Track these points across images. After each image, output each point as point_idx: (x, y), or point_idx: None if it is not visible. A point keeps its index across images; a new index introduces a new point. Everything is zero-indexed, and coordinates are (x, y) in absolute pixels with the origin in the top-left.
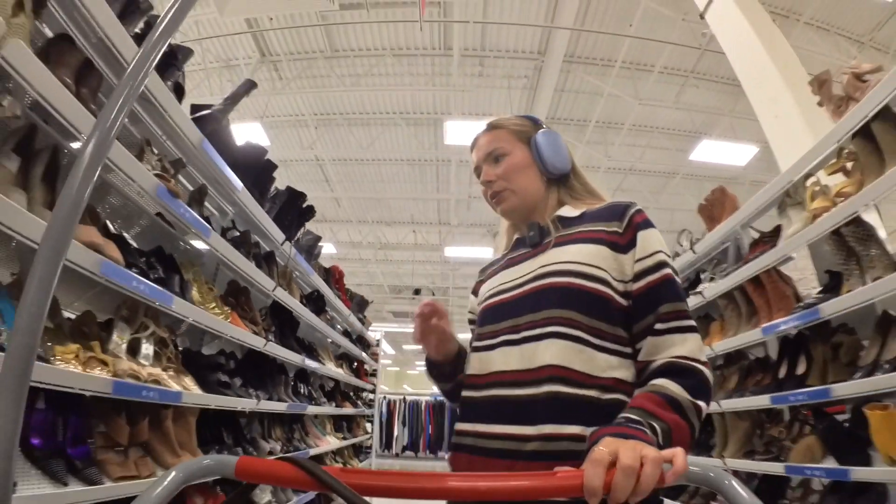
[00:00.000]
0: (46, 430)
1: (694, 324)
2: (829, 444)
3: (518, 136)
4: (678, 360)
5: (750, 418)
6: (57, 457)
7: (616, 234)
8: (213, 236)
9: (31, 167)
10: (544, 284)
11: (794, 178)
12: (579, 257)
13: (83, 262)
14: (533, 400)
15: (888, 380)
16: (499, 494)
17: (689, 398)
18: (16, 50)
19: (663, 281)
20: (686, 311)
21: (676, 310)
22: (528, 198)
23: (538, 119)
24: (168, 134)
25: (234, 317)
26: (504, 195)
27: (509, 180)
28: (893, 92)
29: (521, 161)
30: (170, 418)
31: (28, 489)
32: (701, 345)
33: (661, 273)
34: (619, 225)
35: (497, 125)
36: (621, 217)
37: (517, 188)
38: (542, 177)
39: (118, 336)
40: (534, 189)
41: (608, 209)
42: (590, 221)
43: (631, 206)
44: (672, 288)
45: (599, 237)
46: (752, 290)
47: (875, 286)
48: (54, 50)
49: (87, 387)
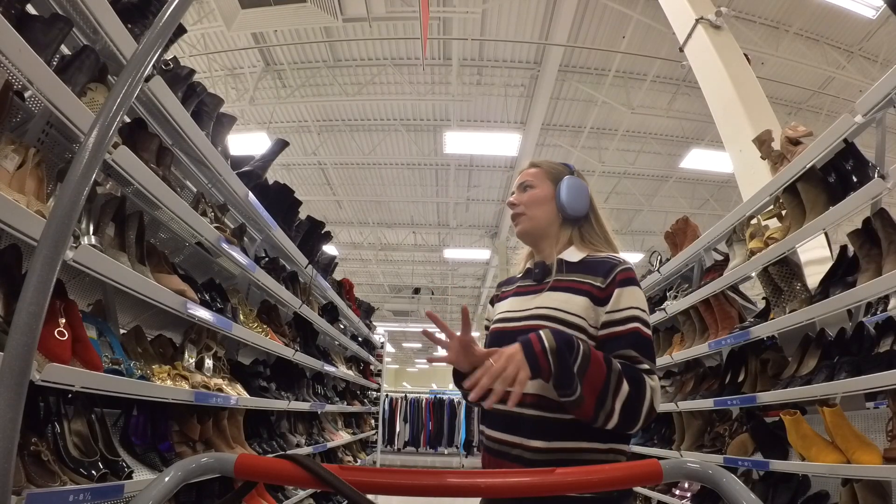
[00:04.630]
0: (140, 431)
1: (649, 368)
2: (758, 440)
3: (549, 176)
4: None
5: (703, 417)
6: (151, 451)
7: (599, 289)
8: (257, 271)
9: (126, 231)
10: (533, 325)
11: (740, 218)
12: (565, 306)
13: (173, 304)
14: (521, 417)
15: (799, 392)
16: (498, 491)
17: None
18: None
19: (628, 332)
20: (640, 359)
21: (633, 356)
22: (539, 227)
23: (574, 168)
24: (215, 185)
25: (271, 333)
26: (521, 219)
27: (528, 208)
28: (814, 159)
29: (543, 195)
30: (226, 418)
31: (139, 476)
32: (655, 386)
33: (627, 326)
34: (603, 281)
35: (537, 164)
36: (607, 275)
37: (532, 216)
38: (558, 213)
39: (189, 355)
40: (546, 222)
41: (601, 264)
42: (584, 272)
43: (618, 266)
44: (633, 338)
45: (586, 289)
46: (703, 309)
47: (789, 317)
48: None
49: (178, 397)
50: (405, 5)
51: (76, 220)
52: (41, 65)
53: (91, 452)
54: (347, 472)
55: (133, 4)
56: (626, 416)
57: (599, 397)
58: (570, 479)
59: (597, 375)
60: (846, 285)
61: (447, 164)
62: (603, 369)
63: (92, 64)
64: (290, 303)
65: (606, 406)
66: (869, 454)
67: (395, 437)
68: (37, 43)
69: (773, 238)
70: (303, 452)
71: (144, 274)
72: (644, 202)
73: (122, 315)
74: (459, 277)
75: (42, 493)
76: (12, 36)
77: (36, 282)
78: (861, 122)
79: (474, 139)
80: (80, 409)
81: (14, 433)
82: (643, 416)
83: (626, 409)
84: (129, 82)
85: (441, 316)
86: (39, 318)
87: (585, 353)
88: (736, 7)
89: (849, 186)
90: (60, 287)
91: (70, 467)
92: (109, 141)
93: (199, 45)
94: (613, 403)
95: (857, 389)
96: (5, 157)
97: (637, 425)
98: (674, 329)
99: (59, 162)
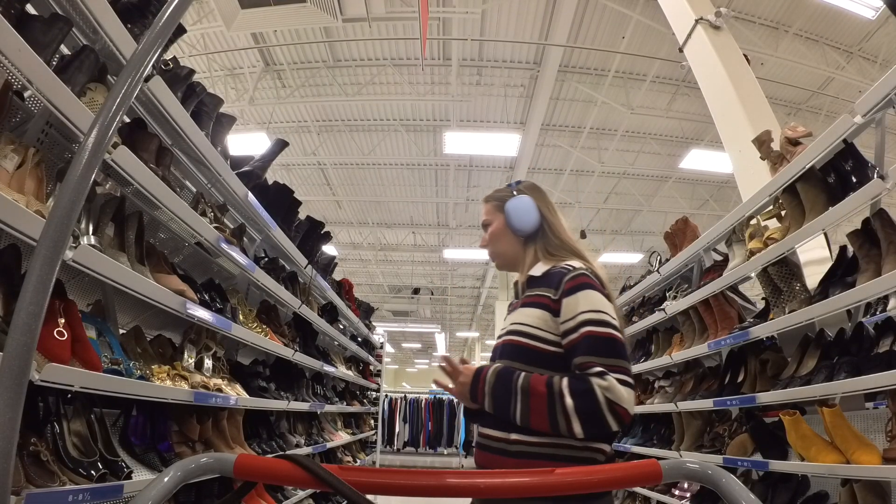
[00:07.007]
0: (139, 431)
1: (601, 370)
2: (757, 440)
3: (497, 207)
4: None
5: (702, 417)
6: (151, 451)
7: (552, 301)
8: (257, 271)
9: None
10: (505, 340)
11: (739, 218)
12: (527, 320)
13: (173, 304)
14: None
15: (799, 392)
16: (497, 491)
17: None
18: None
19: (580, 338)
20: (593, 363)
21: (586, 362)
22: (507, 257)
23: (515, 184)
24: (215, 185)
25: (270, 333)
26: (492, 257)
27: (492, 245)
28: (814, 160)
29: (498, 229)
30: (225, 418)
31: (138, 476)
32: (609, 385)
33: (578, 332)
34: (554, 293)
35: (486, 199)
36: (557, 286)
37: (498, 251)
38: (516, 238)
39: (188, 355)
40: (511, 251)
41: (556, 275)
42: (543, 285)
43: (566, 276)
44: (586, 343)
45: (544, 302)
46: (703, 310)
47: (789, 317)
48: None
49: (177, 397)
50: (405, 5)
51: (76, 220)
52: (41, 64)
53: (90, 452)
54: (347, 472)
55: (133, 4)
56: (588, 422)
57: (549, 417)
58: (570, 479)
59: (538, 400)
60: (845, 286)
61: (447, 165)
62: (542, 392)
63: (91, 64)
64: (290, 303)
65: (559, 422)
66: (868, 454)
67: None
68: (36, 43)
69: (772, 238)
70: (302, 453)
71: (144, 274)
72: (644, 202)
73: (122, 315)
74: (459, 278)
75: (41, 493)
76: (12, 36)
77: (35, 282)
78: (860, 123)
79: (474, 139)
80: (79, 409)
81: (13, 433)
82: (607, 417)
83: (583, 418)
84: (128, 82)
85: (441, 316)
86: (39, 318)
87: (523, 385)
88: (735, 7)
89: (848, 187)
90: (60, 287)
91: (69, 467)
92: (109, 141)
93: (198, 45)
94: (566, 418)
95: (857, 390)
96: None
97: (610, 426)
98: (673, 329)
99: (58, 162)
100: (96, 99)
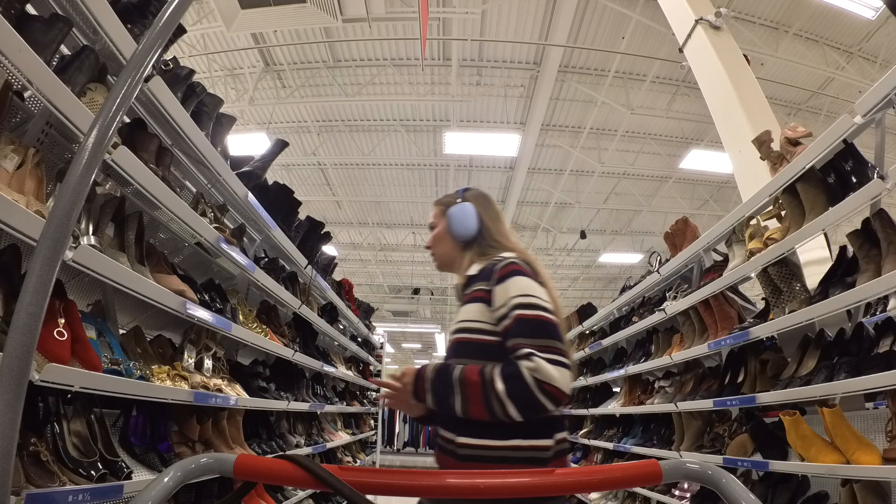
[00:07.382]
0: (139, 431)
1: (530, 352)
2: (757, 441)
3: (443, 212)
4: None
5: (702, 417)
6: (151, 451)
7: (486, 292)
8: (257, 272)
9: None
10: (452, 340)
11: (739, 219)
12: (467, 316)
13: (173, 304)
14: (454, 417)
15: (799, 392)
16: (497, 492)
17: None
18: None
19: (512, 322)
20: (523, 345)
21: (516, 343)
22: (445, 259)
23: (464, 191)
24: (215, 185)
25: (271, 333)
26: (433, 258)
27: (434, 247)
28: (814, 160)
29: (441, 232)
30: (225, 419)
31: (138, 476)
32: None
33: (510, 317)
34: (487, 284)
35: (436, 202)
36: (489, 277)
37: (437, 253)
38: (455, 242)
39: (188, 355)
40: (450, 254)
41: (487, 269)
42: (478, 280)
43: (496, 266)
44: (517, 326)
45: (480, 296)
46: (703, 310)
47: (789, 318)
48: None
49: (177, 398)
50: (405, 5)
51: (75, 220)
52: (41, 65)
53: (90, 453)
54: (347, 472)
55: (133, 4)
56: (520, 405)
57: (485, 405)
58: (570, 479)
59: (473, 389)
60: (845, 286)
61: (447, 165)
62: (476, 381)
63: (91, 64)
64: (290, 303)
65: (495, 408)
66: (868, 454)
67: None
68: (36, 43)
69: (772, 239)
70: (302, 453)
71: (144, 274)
72: (643, 203)
73: (122, 315)
74: None
75: (41, 493)
76: (12, 36)
77: (35, 282)
78: (860, 123)
79: (474, 140)
80: (79, 410)
81: (13, 433)
82: (539, 397)
83: (515, 401)
84: (128, 82)
85: (441, 316)
86: (39, 318)
87: (459, 377)
88: (735, 8)
89: (848, 187)
90: (60, 287)
91: (69, 467)
92: (109, 141)
93: (198, 45)
94: (500, 403)
95: (857, 390)
96: (5, 157)
97: (545, 406)
98: (673, 329)
99: (58, 162)
100: (96, 99)
